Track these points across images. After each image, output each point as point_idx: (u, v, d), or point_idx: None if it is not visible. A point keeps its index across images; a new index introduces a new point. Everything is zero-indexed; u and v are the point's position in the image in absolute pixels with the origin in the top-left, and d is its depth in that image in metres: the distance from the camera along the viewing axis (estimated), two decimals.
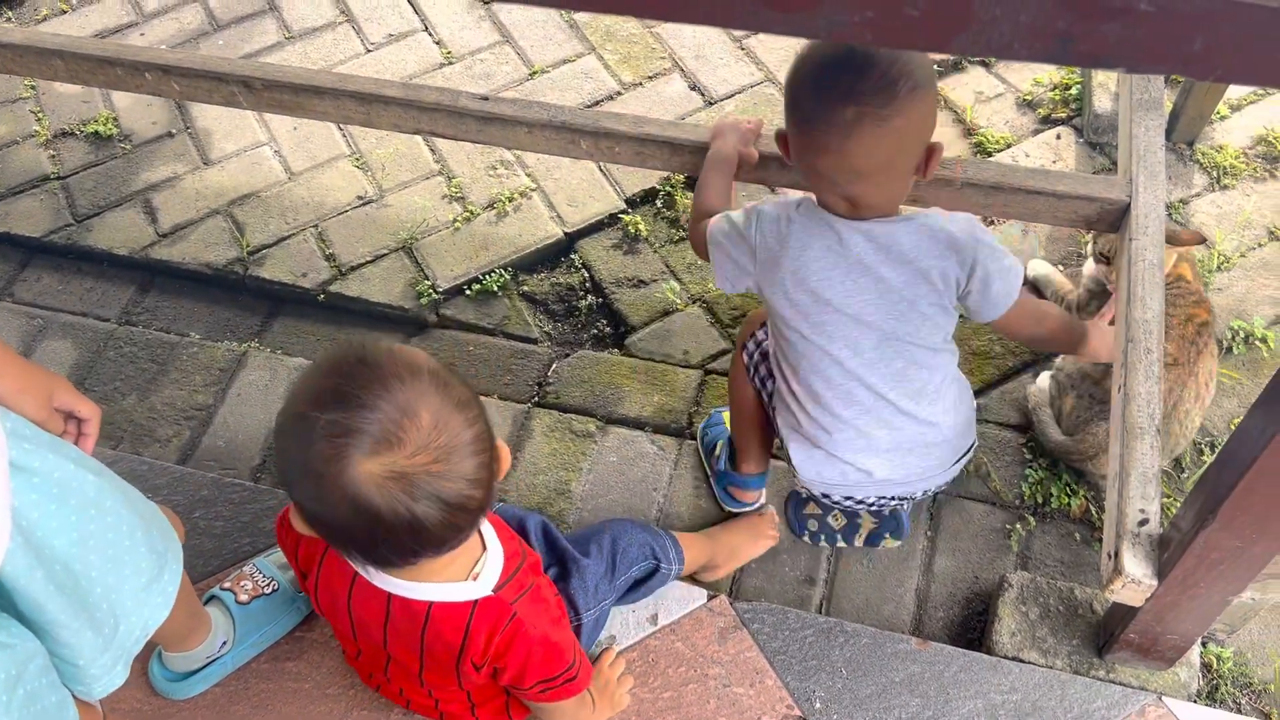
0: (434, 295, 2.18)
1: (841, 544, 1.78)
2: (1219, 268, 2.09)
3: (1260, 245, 2.13)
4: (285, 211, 2.35)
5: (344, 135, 2.48)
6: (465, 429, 1.02)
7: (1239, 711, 1.62)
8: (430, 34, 2.70)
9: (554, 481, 1.90)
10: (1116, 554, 1.37)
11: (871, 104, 1.24)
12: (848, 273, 1.41)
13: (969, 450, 1.61)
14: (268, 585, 1.60)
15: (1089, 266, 1.88)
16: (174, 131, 2.54)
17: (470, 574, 1.19)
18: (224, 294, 2.26)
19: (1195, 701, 1.55)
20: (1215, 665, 1.64)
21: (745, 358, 1.68)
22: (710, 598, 1.64)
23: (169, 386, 2.08)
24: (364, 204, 2.35)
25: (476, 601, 1.18)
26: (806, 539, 1.79)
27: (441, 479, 0.99)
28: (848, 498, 1.62)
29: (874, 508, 1.68)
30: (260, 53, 2.70)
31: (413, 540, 1.02)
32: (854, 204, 1.38)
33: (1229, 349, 1.97)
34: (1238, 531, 1.20)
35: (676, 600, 1.64)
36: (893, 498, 1.63)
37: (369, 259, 2.26)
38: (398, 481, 0.97)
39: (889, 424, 1.51)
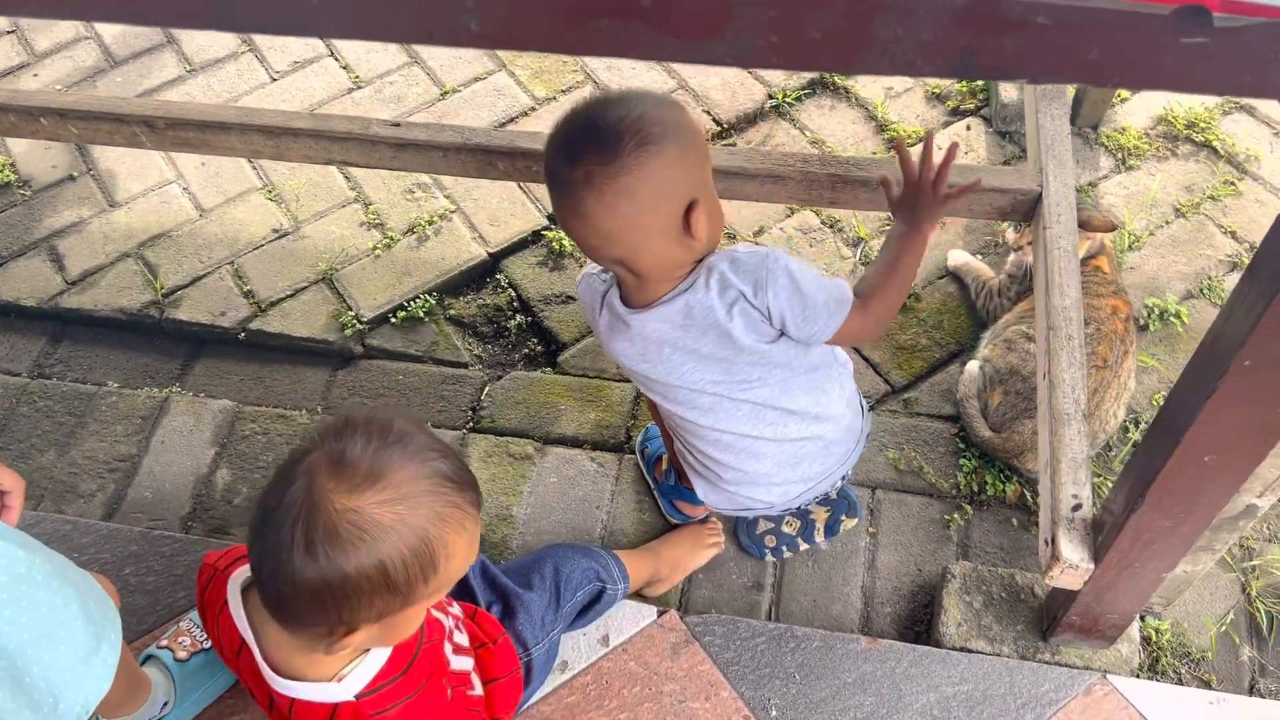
0: (358, 326, 2.14)
1: (805, 546, 1.78)
2: (1130, 247, 2.14)
3: (1168, 223, 2.19)
4: (199, 250, 2.29)
5: (255, 168, 2.43)
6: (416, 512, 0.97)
7: (1180, 681, 1.66)
8: (336, 59, 2.66)
9: (495, 507, 1.87)
10: (1053, 540, 1.40)
11: (596, 163, 1.19)
12: (660, 358, 1.39)
13: (862, 435, 1.60)
14: (205, 640, 1.55)
15: (1013, 255, 1.93)
16: (75, 174, 2.46)
17: (336, 675, 1.10)
18: (141, 339, 2.20)
19: (1138, 676, 1.59)
20: (1154, 638, 1.68)
21: None
22: (660, 613, 1.64)
23: (89, 439, 2.02)
24: (280, 237, 2.31)
25: (336, 706, 1.09)
26: (770, 558, 1.78)
27: (348, 544, 0.94)
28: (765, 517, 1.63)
29: (795, 511, 1.68)
30: (161, 88, 2.63)
31: (278, 583, 0.96)
32: (634, 274, 1.32)
33: (1145, 326, 2.02)
34: (1167, 511, 1.23)
35: (627, 619, 1.63)
36: (806, 504, 1.63)
37: (289, 293, 2.21)
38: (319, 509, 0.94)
39: (770, 456, 1.49)
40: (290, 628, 1.00)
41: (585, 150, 1.21)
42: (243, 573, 1.13)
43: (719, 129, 2.43)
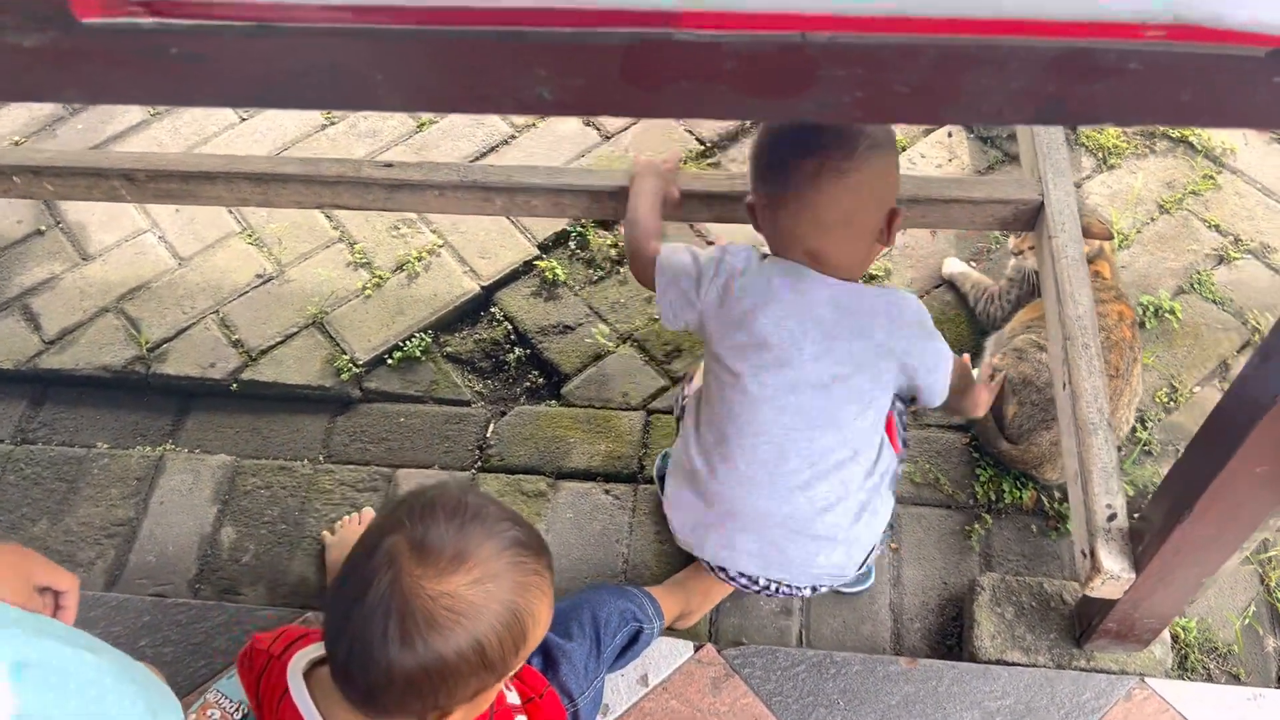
0: (354, 369, 2.10)
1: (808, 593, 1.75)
2: (1120, 246, 2.17)
3: (1153, 219, 2.23)
4: (181, 300, 2.23)
5: (232, 213, 2.37)
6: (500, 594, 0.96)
7: (1209, 677, 1.68)
8: None
9: None
10: (1092, 552, 1.41)
11: (832, 156, 1.28)
12: (800, 323, 1.39)
13: (867, 568, 1.60)
14: (236, 710, 1.50)
15: (1013, 260, 1.95)
16: (43, 229, 2.38)
17: None
18: (128, 397, 2.13)
19: (1170, 676, 1.61)
20: (1182, 636, 1.70)
21: (678, 401, 1.69)
22: (697, 648, 1.62)
23: (83, 504, 1.95)
24: (265, 282, 2.25)
25: None
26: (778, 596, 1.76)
27: (446, 629, 0.92)
28: (742, 574, 1.56)
29: (766, 591, 1.58)
30: (124, 135, 2.56)
31: (370, 676, 0.94)
32: (817, 261, 1.39)
33: (1142, 324, 2.05)
34: (1212, 521, 1.24)
35: (663, 657, 1.61)
36: (778, 586, 1.56)
37: (279, 339, 2.16)
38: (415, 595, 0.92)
39: (782, 498, 1.46)
40: (378, 718, 0.97)
41: (820, 143, 1.29)
42: (302, 656, 1.09)
43: (702, 148, 2.42)
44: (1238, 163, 2.30)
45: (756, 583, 1.55)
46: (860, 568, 1.56)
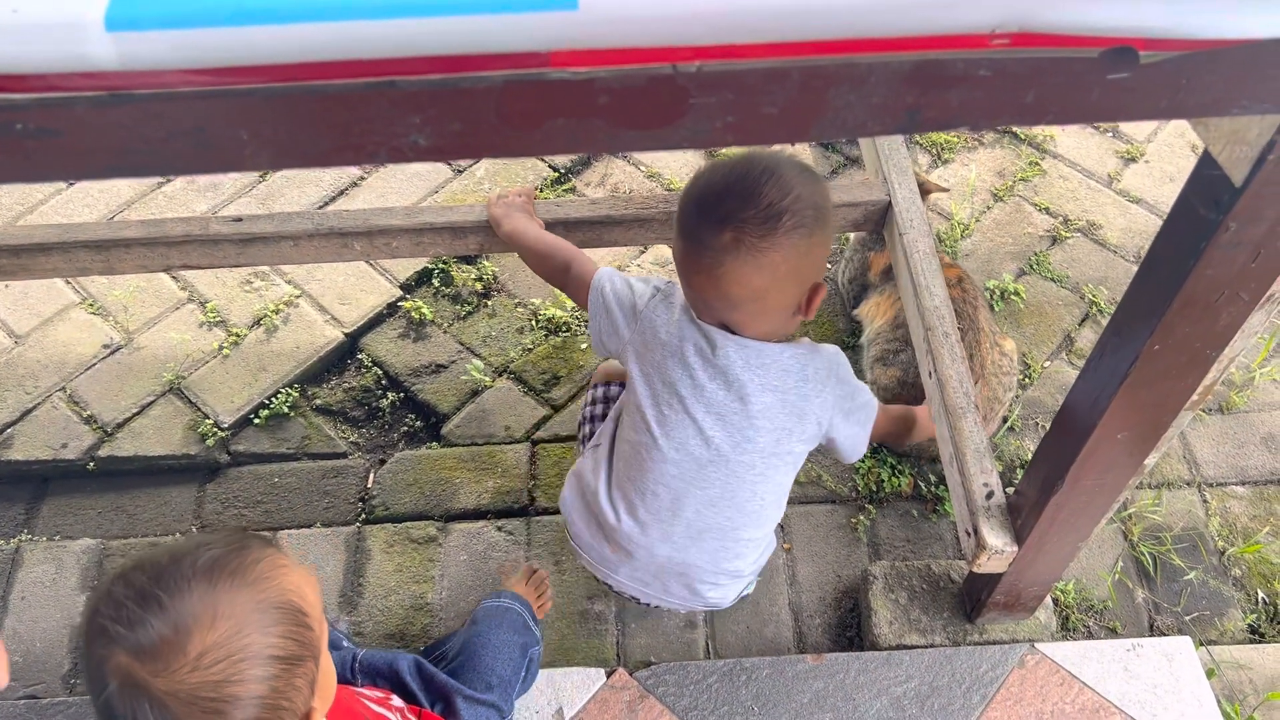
0: (220, 433, 2.02)
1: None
2: (962, 235, 2.28)
3: (989, 208, 2.35)
4: (22, 381, 2.09)
5: (69, 283, 2.25)
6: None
7: (1090, 634, 1.78)
8: None
9: (408, 599, 1.80)
10: (976, 530, 1.47)
11: (750, 233, 1.21)
12: (710, 378, 1.36)
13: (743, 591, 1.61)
14: None
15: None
16: None
17: None
18: None
19: (1055, 638, 1.69)
20: (1061, 599, 1.79)
21: (588, 400, 1.67)
22: (609, 674, 1.62)
23: None
24: (112, 352, 2.14)
25: None
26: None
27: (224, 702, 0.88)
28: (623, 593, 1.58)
29: (643, 602, 1.59)
30: None
31: None
32: (729, 328, 1.35)
33: (991, 306, 2.16)
34: (1083, 489, 1.32)
35: (576, 688, 1.60)
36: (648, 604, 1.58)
37: (136, 410, 2.05)
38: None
39: (674, 545, 1.46)
40: None
41: (739, 216, 1.21)
42: None
43: (556, 175, 2.43)
44: (1058, 148, 2.46)
45: (636, 601, 1.58)
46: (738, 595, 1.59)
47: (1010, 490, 1.52)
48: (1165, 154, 2.46)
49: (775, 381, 1.36)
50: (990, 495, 1.50)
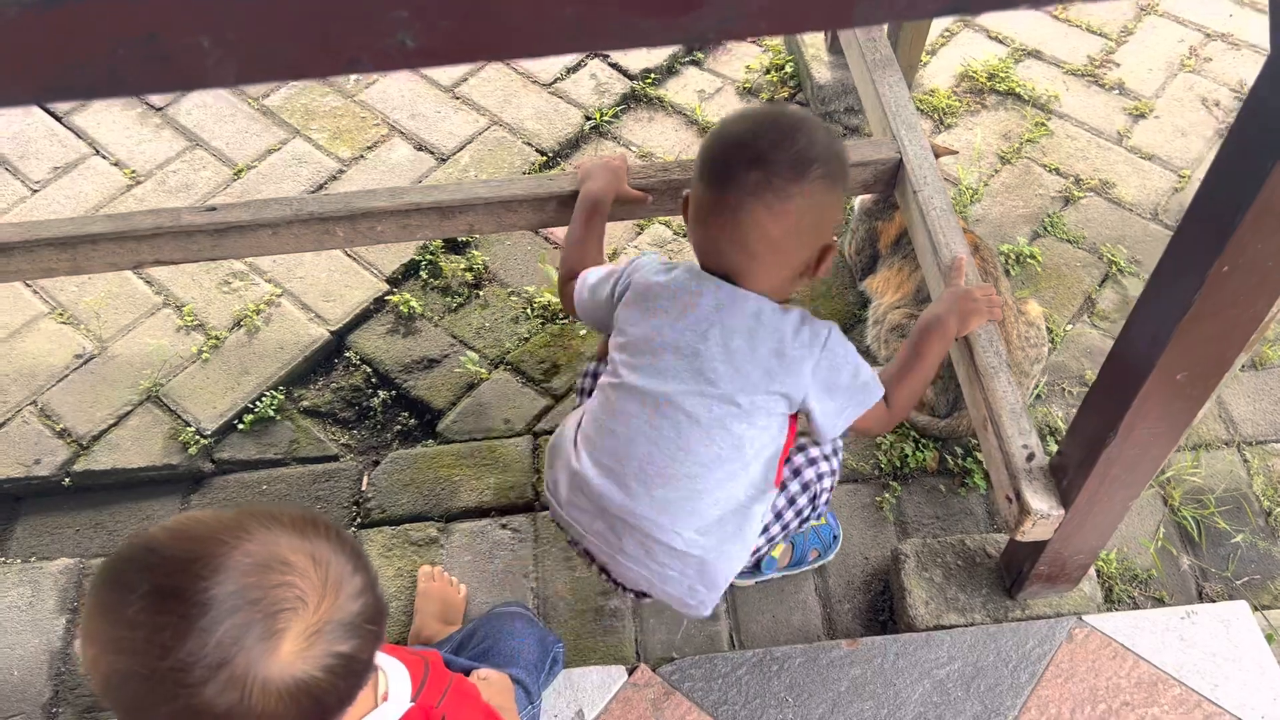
0: (202, 440, 1.90)
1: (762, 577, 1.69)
2: (971, 200, 2.19)
3: (997, 172, 2.26)
4: None
5: (36, 291, 2.13)
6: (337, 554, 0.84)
7: (1135, 605, 1.68)
8: (104, 156, 2.38)
9: (410, 605, 1.69)
10: (1018, 495, 1.37)
11: (780, 175, 1.17)
12: (680, 317, 1.28)
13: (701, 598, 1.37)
14: None
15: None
16: None
17: (378, 698, 1.00)
18: None
19: (1101, 610, 1.59)
20: (1104, 569, 1.69)
21: (582, 374, 1.56)
22: (630, 671, 1.51)
23: None
24: (85, 362, 2.02)
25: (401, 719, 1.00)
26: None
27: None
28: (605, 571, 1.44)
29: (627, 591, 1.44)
30: None
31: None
32: (736, 279, 1.28)
33: (1007, 271, 2.07)
34: (1136, 441, 1.22)
35: (596, 687, 1.49)
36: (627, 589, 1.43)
37: (112, 421, 1.93)
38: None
39: (625, 487, 1.31)
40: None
41: (770, 158, 1.18)
42: None
43: (544, 159, 2.33)
44: (1063, 108, 2.37)
45: (593, 560, 1.44)
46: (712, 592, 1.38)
47: (1053, 452, 1.42)
48: (1175, 109, 2.38)
49: (749, 327, 1.26)
50: (1031, 457, 1.40)
